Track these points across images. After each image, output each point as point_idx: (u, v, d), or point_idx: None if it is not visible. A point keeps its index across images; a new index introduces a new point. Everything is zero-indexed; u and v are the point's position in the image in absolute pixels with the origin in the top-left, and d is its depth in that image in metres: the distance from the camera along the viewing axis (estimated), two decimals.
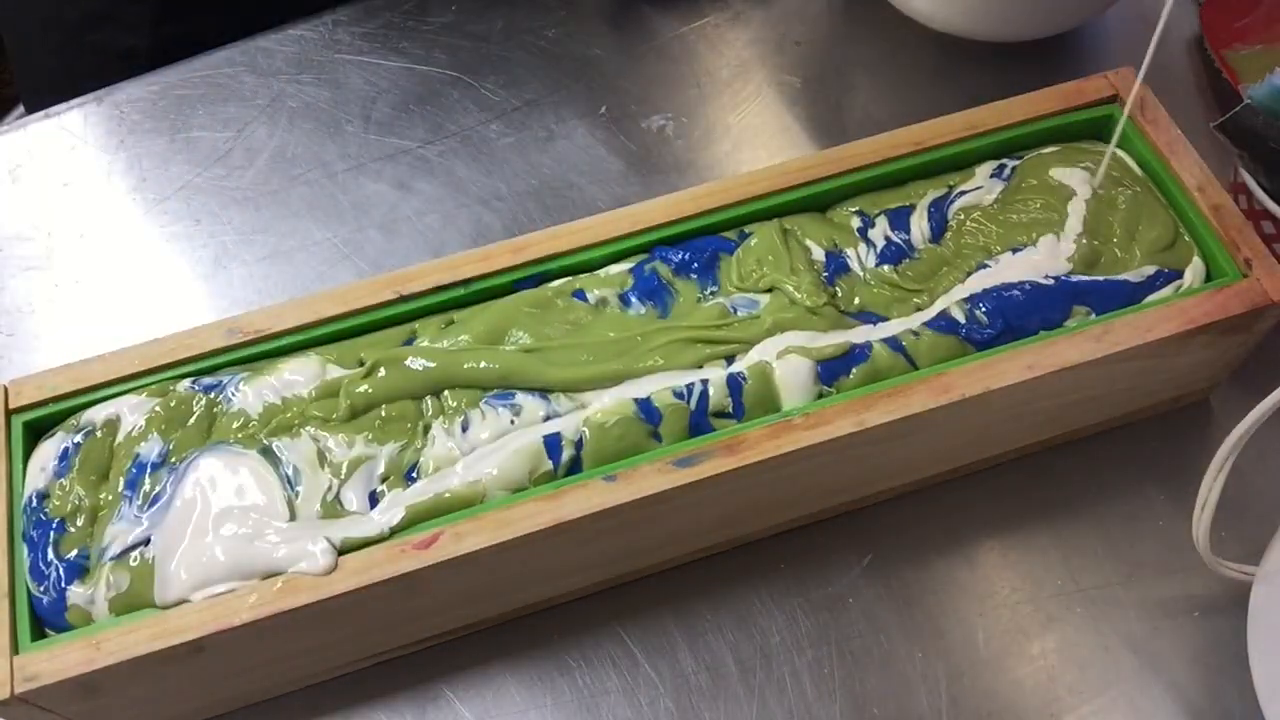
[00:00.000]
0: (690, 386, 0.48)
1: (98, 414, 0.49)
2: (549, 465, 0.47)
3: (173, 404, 0.49)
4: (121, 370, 0.50)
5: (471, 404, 0.49)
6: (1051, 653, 0.52)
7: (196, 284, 0.64)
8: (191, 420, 0.49)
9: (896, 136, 0.55)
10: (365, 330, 0.52)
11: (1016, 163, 0.55)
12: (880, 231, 0.53)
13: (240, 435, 0.48)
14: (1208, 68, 0.69)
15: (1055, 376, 0.49)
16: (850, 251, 0.53)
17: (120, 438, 0.48)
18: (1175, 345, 0.50)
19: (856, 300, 0.51)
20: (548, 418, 0.48)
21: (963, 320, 0.50)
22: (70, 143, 0.69)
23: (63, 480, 0.48)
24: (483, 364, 0.49)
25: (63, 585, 0.46)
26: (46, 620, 0.46)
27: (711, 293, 0.52)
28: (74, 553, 0.46)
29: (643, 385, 0.49)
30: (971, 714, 0.51)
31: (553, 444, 0.47)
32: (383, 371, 0.49)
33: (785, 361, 0.49)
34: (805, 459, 0.47)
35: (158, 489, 0.47)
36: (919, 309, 0.51)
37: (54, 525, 0.47)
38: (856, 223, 0.54)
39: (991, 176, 0.54)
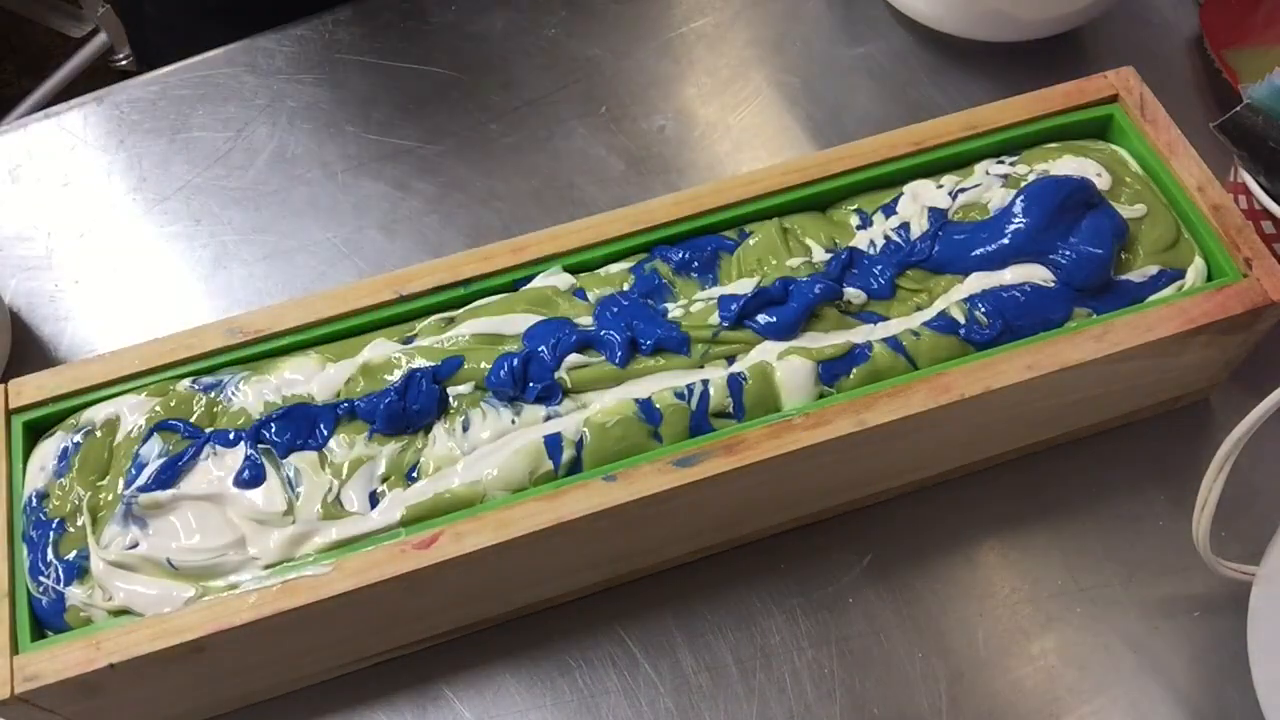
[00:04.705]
0: (691, 386, 0.48)
1: (97, 414, 0.49)
2: (549, 465, 0.47)
3: (173, 404, 0.49)
4: (121, 370, 0.50)
5: (472, 404, 0.49)
6: (1051, 653, 0.52)
7: (196, 284, 0.64)
8: (191, 420, 0.49)
9: (896, 136, 0.55)
10: (365, 330, 0.52)
11: (1015, 159, 0.55)
12: (880, 230, 0.53)
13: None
14: (1208, 68, 0.69)
15: (1055, 376, 0.49)
16: (850, 250, 0.53)
17: (120, 438, 0.48)
18: (1175, 345, 0.50)
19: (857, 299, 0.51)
20: (548, 418, 0.48)
21: (963, 320, 0.50)
22: (70, 143, 0.69)
23: (62, 480, 0.48)
24: (482, 364, 0.49)
25: (62, 586, 0.46)
26: (46, 621, 0.46)
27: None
28: (73, 553, 0.46)
29: (643, 385, 0.49)
30: (971, 714, 0.51)
31: (553, 444, 0.47)
32: (385, 374, 0.50)
33: (786, 362, 0.49)
34: (805, 459, 0.47)
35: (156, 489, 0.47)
36: (919, 309, 0.51)
37: (54, 525, 0.47)
38: (856, 221, 0.54)
39: (991, 174, 0.54)
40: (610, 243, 0.53)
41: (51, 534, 0.47)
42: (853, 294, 0.51)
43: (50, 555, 0.46)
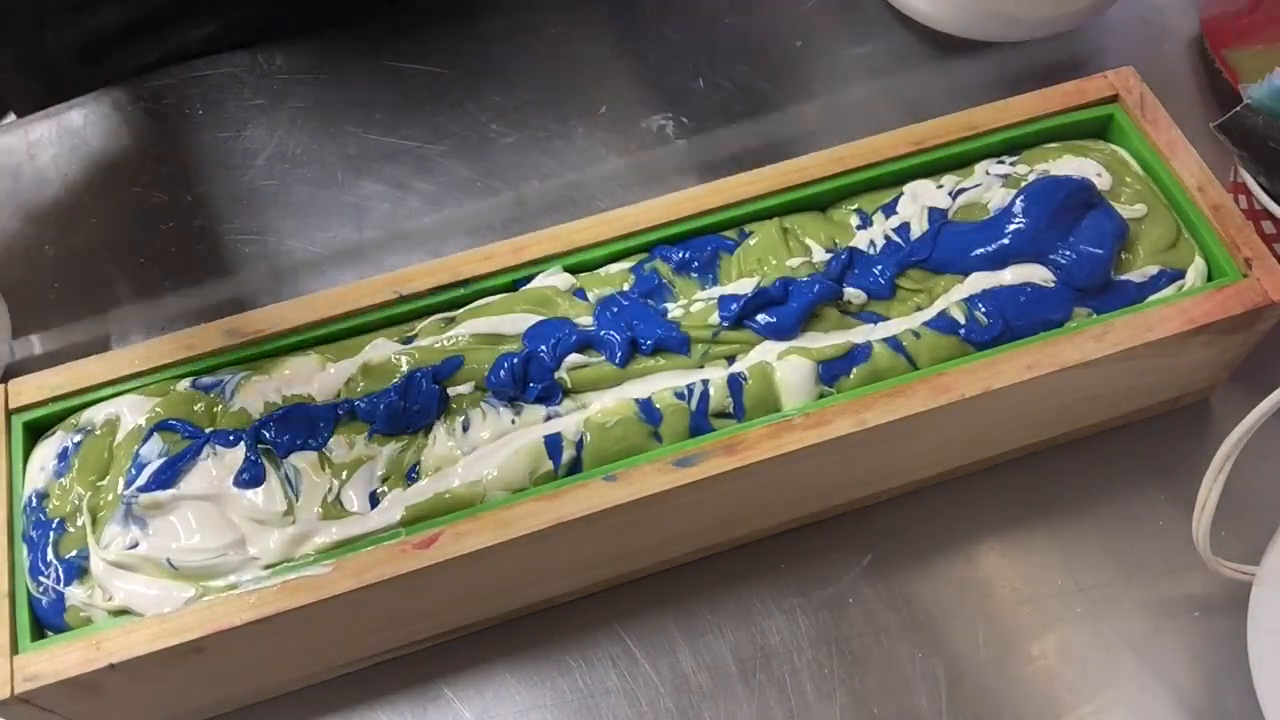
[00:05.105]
0: (691, 387, 0.48)
1: (97, 414, 0.49)
2: (549, 465, 0.47)
3: (173, 404, 0.49)
4: (121, 370, 0.50)
5: (472, 404, 0.49)
6: (1051, 653, 0.52)
7: (197, 284, 0.64)
8: (191, 420, 0.49)
9: (896, 136, 0.55)
10: (365, 330, 0.52)
11: (1015, 159, 0.55)
12: (880, 230, 0.53)
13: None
14: (1208, 68, 0.69)
15: (1055, 376, 0.49)
16: (850, 250, 0.53)
17: (120, 437, 0.48)
18: (1175, 345, 0.50)
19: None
20: (548, 418, 0.48)
21: (962, 320, 0.50)
22: (70, 143, 0.69)
23: (62, 480, 0.48)
24: (482, 364, 0.49)
25: (62, 586, 0.46)
26: (45, 621, 0.46)
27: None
28: (73, 553, 0.46)
29: (643, 385, 0.49)
30: (971, 714, 0.51)
31: (553, 444, 0.47)
32: (385, 374, 0.50)
33: (786, 362, 0.49)
34: (805, 459, 0.47)
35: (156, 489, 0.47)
36: (919, 309, 0.51)
37: (54, 525, 0.47)
38: (856, 221, 0.54)
39: (991, 174, 0.54)
40: (610, 243, 0.53)
41: (51, 534, 0.47)
42: (853, 294, 0.51)
43: (50, 555, 0.46)
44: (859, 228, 0.53)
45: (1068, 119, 0.56)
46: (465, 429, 0.48)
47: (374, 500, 0.47)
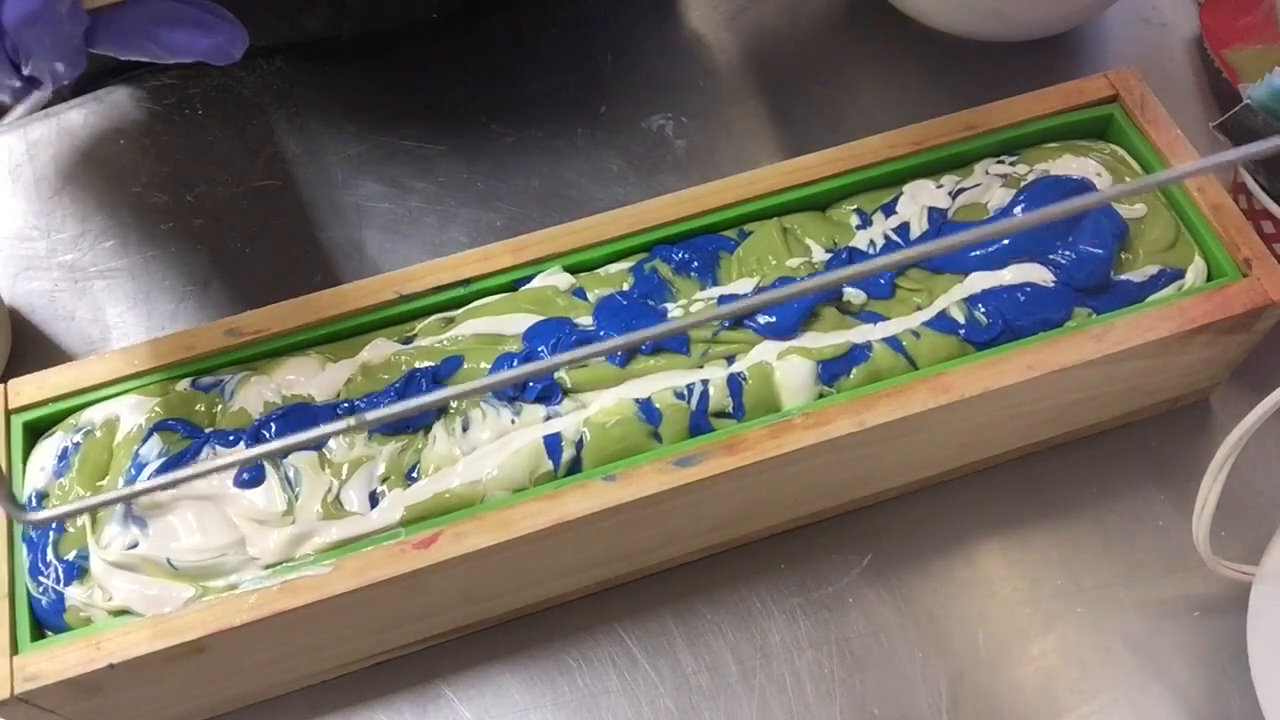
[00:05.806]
0: (690, 387, 0.48)
1: (97, 414, 0.49)
2: (549, 465, 0.47)
3: (173, 404, 0.49)
4: (121, 370, 0.50)
5: (472, 404, 0.49)
6: (1051, 653, 0.52)
7: (196, 284, 0.64)
8: (191, 420, 0.49)
9: (896, 136, 0.55)
10: (365, 330, 0.52)
11: (1015, 159, 0.55)
12: (880, 230, 0.53)
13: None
14: (1208, 68, 0.69)
15: (1055, 376, 0.49)
16: (850, 250, 0.53)
17: (120, 438, 0.48)
18: (1175, 345, 0.50)
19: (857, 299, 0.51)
20: (548, 418, 0.48)
21: (962, 320, 0.50)
22: (70, 143, 0.69)
23: (62, 480, 0.48)
24: (482, 364, 0.49)
25: (62, 586, 0.46)
26: (46, 621, 0.46)
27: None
28: (73, 553, 0.46)
29: (643, 385, 0.49)
30: (971, 714, 0.51)
31: (553, 444, 0.47)
32: (385, 374, 0.50)
33: (786, 362, 0.49)
34: (805, 459, 0.47)
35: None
36: (919, 309, 0.51)
37: (53, 525, 0.47)
38: (856, 221, 0.54)
39: (991, 174, 0.54)
40: (610, 243, 0.53)
41: (51, 534, 0.47)
42: (852, 294, 0.51)
43: (50, 555, 0.46)
44: (859, 227, 0.53)
45: (1067, 119, 0.56)
46: (465, 429, 0.48)
47: (374, 500, 0.47)
